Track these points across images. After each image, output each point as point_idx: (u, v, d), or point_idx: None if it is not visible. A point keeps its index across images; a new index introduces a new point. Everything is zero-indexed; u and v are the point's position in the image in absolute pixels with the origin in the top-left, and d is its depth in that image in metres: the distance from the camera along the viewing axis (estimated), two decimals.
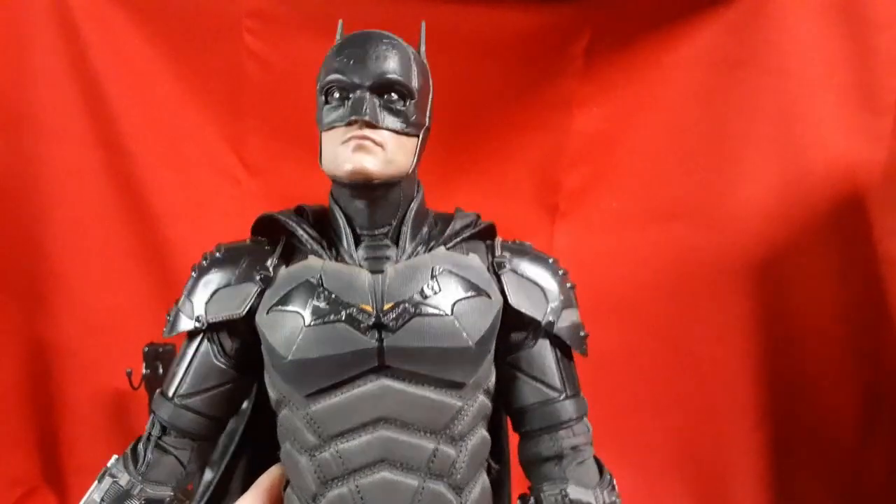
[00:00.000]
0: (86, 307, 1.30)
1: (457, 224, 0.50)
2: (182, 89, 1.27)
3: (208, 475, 0.52)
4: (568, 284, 0.52)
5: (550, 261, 0.52)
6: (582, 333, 0.51)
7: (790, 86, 1.20)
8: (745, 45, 1.21)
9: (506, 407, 0.51)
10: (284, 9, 1.23)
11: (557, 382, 0.49)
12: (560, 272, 0.52)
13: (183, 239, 1.29)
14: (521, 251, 0.51)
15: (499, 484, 0.52)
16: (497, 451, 0.52)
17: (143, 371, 1.16)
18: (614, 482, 0.49)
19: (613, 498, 0.48)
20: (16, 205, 1.27)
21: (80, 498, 0.49)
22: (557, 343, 0.50)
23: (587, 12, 1.22)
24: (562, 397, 0.49)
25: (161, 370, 1.17)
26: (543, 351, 0.49)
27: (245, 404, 0.52)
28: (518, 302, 0.48)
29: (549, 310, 0.49)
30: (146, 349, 1.17)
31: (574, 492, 0.47)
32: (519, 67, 1.25)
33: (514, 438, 0.55)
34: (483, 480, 0.48)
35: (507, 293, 0.48)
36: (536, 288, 0.49)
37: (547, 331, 0.49)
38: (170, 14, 1.23)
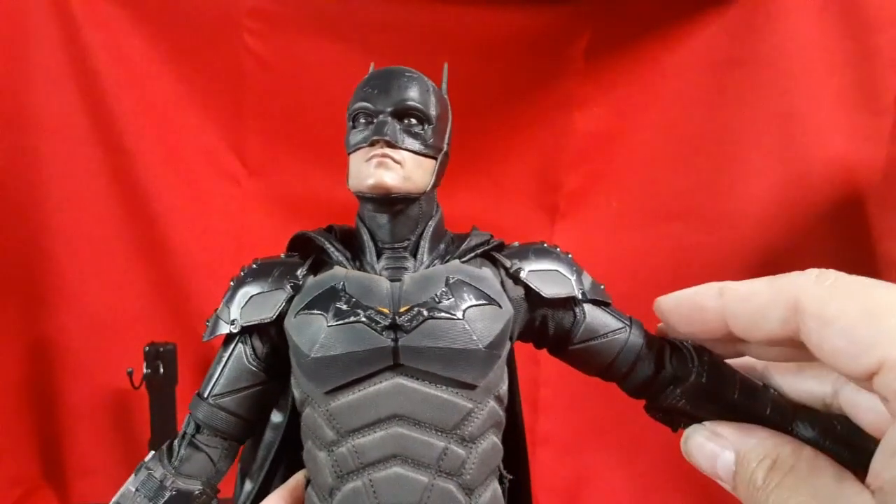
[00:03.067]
0: (86, 307, 1.30)
1: (472, 241, 0.55)
2: (182, 89, 1.27)
3: (248, 486, 0.55)
4: (569, 255, 0.57)
5: (545, 245, 0.57)
6: (601, 287, 0.56)
7: (790, 86, 1.20)
8: (745, 45, 1.21)
9: (599, 375, 0.55)
10: (284, 9, 1.24)
11: (617, 324, 0.54)
12: (556, 249, 0.57)
13: (183, 239, 1.30)
14: (521, 253, 0.56)
15: (516, 495, 0.54)
16: (514, 462, 0.54)
17: (144, 370, 1.17)
18: (701, 349, 0.53)
19: (701, 362, 0.51)
20: (16, 204, 1.27)
21: (81, 497, 0.51)
22: (594, 303, 0.55)
23: (587, 12, 1.22)
24: (628, 332, 0.54)
25: (162, 370, 1.17)
26: (592, 313, 0.54)
27: (280, 417, 0.55)
28: (552, 291, 0.53)
29: (574, 283, 0.54)
30: (147, 348, 1.17)
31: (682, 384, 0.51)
32: (519, 67, 1.25)
33: (533, 452, 0.57)
34: (494, 487, 0.50)
35: (539, 291, 0.52)
36: (553, 272, 0.54)
37: (583, 299, 0.54)
38: (170, 14, 1.23)
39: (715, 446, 0.42)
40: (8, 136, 1.25)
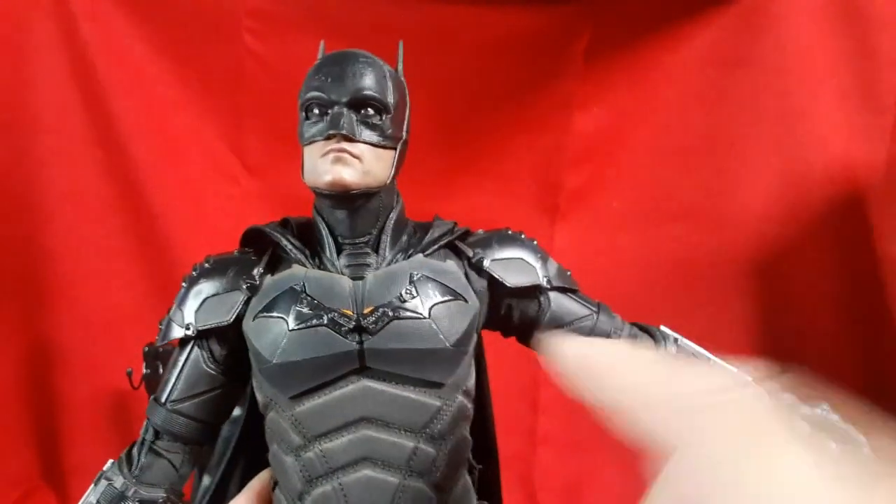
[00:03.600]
0: (86, 307, 1.30)
1: (435, 232, 0.53)
2: (182, 89, 1.27)
3: (206, 481, 0.54)
4: (534, 241, 0.56)
5: (509, 232, 0.56)
6: (568, 273, 0.56)
7: (790, 86, 1.20)
8: (745, 45, 1.21)
9: None
10: (284, 9, 1.23)
11: (584, 311, 0.54)
12: (521, 235, 0.56)
13: (183, 239, 1.30)
14: (485, 241, 0.54)
15: (487, 483, 0.54)
16: (484, 451, 0.53)
17: (144, 371, 1.16)
18: (669, 334, 0.54)
19: (673, 348, 0.52)
20: (16, 205, 1.27)
21: (80, 498, 0.50)
22: (559, 290, 0.54)
23: (587, 12, 1.22)
24: (595, 319, 0.54)
25: (161, 370, 1.17)
26: (558, 301, 0.54)
27: (239, 411, 0.54)
28: (515, 281, 0.52)
29: (538, 270, 0.53)
30: (146, 349, 1.17)
31: None
32: (519, 67, 1.25)
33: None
34: (465, 480, 0.49)
35: (502, 280, 0.52)
36: (517, 261, 0.53)
37: (549, 287, 0.53)
38: (170, 14, 1.23)
39: None
40: (8, 136, 1.25)
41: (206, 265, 0.53)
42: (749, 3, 1.19)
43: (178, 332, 0.50)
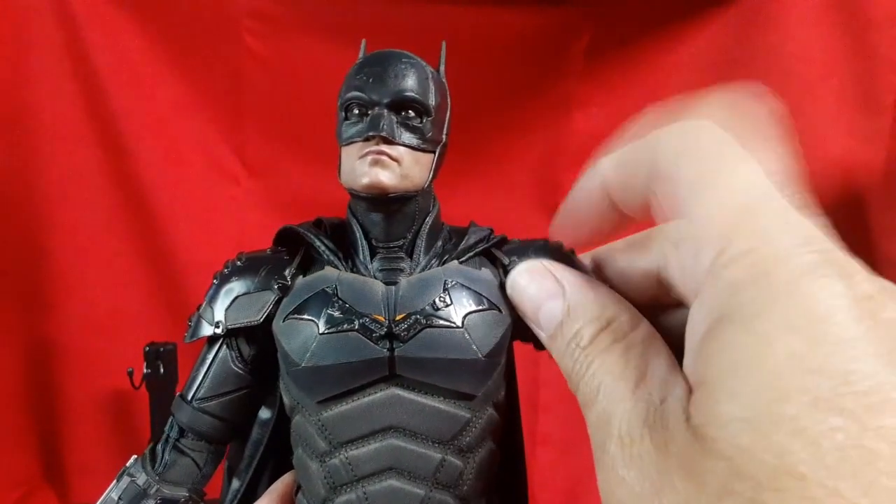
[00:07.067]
0: (86, 307, 1.30)
1: (471, 238, 0.51)
2: (182, 89, 1.27)
3: (235, 484, 0.53)
4: (571, 252, 0.53)
5: (548, 243, 0.53)
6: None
7: (790, 86, 1.20)
8: (745, 45, 1.21)
9: None
10: (284, 9, 1.24)
11: None
12: (556, 245, 0.53)
13: (183, 239, 1.30)
14: (521, 250, 0.52)
15: (513, 497, 0.53)
16: (511, 464, 0.52)
17: (145, 370, 1.17)
18: None
19: None
20: (16, 205, 1.27)
21: (81, 497, 0.50)
22: None
23: (587, 12, 1.22)
24: None
25: (162, 370, 1.17)
26: None
27: (269, 414, 0.53)
28: None
29: None
30: (147, 348, 1.17)
31: None
32: (519, 67, 1.25)
33: (533, 452, 0.55)
34: (491, 494, 0.48)
35: None
36: None
37: None
38: (170, 14, 1.23)
39: (545, 290, 0.38)
40: (8, 136, 1.25)
41: (239, 263, 0.51)
42: (749, 3, 1.19)
43: (207, 330, 0.49)
